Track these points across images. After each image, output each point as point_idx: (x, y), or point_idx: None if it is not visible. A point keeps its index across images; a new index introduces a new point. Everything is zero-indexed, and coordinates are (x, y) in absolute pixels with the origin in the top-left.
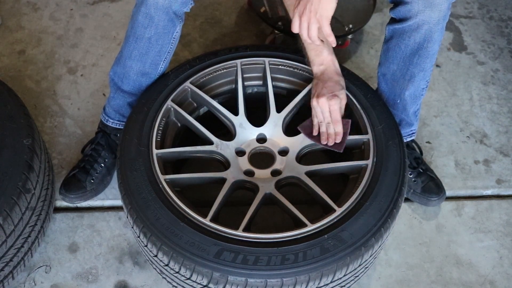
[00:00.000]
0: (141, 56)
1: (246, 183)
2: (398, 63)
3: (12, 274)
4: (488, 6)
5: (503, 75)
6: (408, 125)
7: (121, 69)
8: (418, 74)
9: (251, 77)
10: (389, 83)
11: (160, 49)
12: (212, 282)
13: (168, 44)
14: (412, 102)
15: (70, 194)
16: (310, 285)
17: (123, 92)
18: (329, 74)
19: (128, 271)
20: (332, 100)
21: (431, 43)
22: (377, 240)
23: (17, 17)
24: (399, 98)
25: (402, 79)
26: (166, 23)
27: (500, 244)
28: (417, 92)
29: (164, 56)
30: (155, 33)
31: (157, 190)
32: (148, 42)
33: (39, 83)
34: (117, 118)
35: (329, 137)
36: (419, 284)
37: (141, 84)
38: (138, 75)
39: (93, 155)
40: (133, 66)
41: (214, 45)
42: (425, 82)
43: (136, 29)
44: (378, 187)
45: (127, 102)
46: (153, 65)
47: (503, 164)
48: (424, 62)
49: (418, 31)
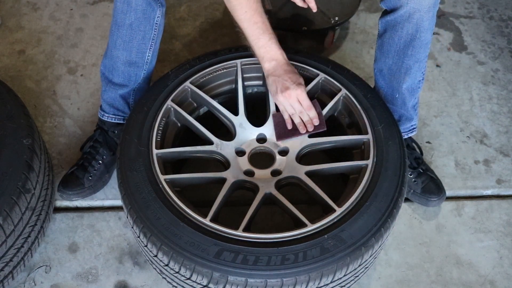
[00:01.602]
0: (125, 44)
1: (246, 183)
2: (393, 57)
3: (12, 274)
4: (488, 6)
5: (503, 75)
6: (408, 120)
7: (109, 61)
8: (414, 66)
9: (251, 77)
10: (386, 78)
11: (143, 35)
12: (212, 282)
13: (151, 30)
14: (411, 96)
15: (68, 190)
16: (310, 285)
17: (113, 85)
18: (283, 67)
19: (128, 271)
20: (298, 89)
21: (423, 33)
22: (377, 240)
23: (17, 17)
24: (397, 92)
25: (399, 72)
26: (144, 7)
27: (500, 244)
28: (414, 85)
29: (149, 43)
30: (135, 19)
31: (157, 190)
32: (130, 29)
33: (39, 83)
34: (112, 112)
35: (307, 123)
36: (419, 284)
37: (130, 74)
38: (125, 65)
39: (91, 153)
40: (120, 56)
41: (214, 45)
42: (421, 74)
43: (116, 17)
44: (378, 187)
45: (119, 95)
46: (139, 54)
47: (503, 164)
48: (419, 53)
49: (410, 20)
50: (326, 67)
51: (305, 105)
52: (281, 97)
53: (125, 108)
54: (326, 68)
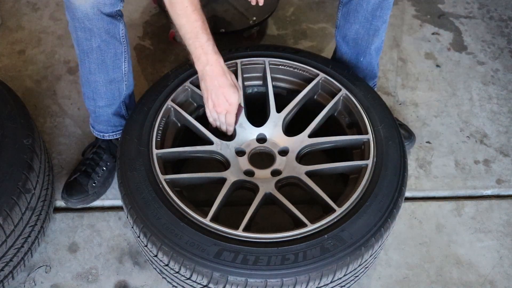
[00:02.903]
0: (99, 66)
1: (246, 183)
2: (360, 22)
3: (12, 274)
4: (488, 6)
5: (503, 75)
6: (372, 78)
7: (88, 88)
8: (382, 26)
9: (251, 77)
10: (350, 44)
11: (115, 52)
12: (212, 282)
13: (120, 45)
14: (377, 54)
15: (72, 198)
16: (310, 285)
17: (101, 108)
18: (218, 79)
19: (128, 271)
20: (229, 113)
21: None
22: (377, 240)
23: (17, 17)
24: (363, 55)
25: (367, 35)
26: (107, 27)
27: (500, 244)
28: (380, 44)
29: (122, 57)
30: (101, 41)
31: (157, 190)
32: (99, 51)
33: (39, 83)
34: (111, 130)
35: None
36: (419, 284)
37: (113, 91)
38: (106, 84)
39: (94, 159)
40: (98, 79)
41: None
42: (385, 32)
43: (82, 45)
44: (378, 187)
45: (111, 114)
46: (116, 69)
47: (503, 164)
48: (386, 14)
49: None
50: (326, 67)
51: (228, 123)
52: (212, 110)
53: (122, 120)
54: (326, 68)
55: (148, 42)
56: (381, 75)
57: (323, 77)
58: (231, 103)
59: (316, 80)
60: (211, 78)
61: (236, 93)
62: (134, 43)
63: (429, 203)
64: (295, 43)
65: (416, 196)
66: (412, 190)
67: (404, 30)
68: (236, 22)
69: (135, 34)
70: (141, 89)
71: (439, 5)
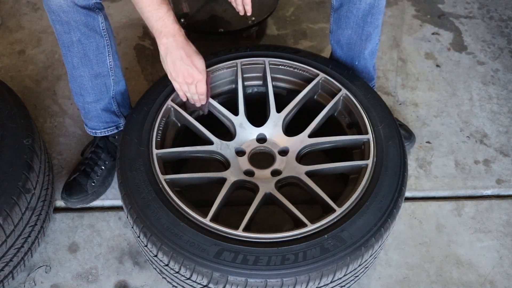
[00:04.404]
0: (82, 60)
1: (246, 183)
2: (352, 27)
3: (12, 274)
4: (488, 6)
5: (503, 75)
6: (369, 80)
7: (75, 84)
8: (374, 31)
9: (251, 77)
10: (344, 48)
11: (96, 45)
12: (212, 282)
13: (102, 38)
14: (371, 58)
15: (72, 198)
16: (310, 285)
17: (89, 104)
18: (184, 48)
19: (128, 271)
20: (200, 81)
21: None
22: (377, 240)
23: (17, 17)
24: (358, 59)
25: (359, 40)
26: (85, 20)
27: (500, 244)
28: (374, 48)
29: (105, 50)
30: (81, 34)
31: (157, 190)
32: (80, 44)
33: (39, 83)
34: (103, 127)
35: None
36: (419, 284)
37: (100, 86)
38: (92, 79)
39: (93, 158)
40: (83, 74)
41: (215, 45)
42: (379, 36)
43: (62, 39)
44: (378, 187)
45: (100, 109)
46: (100, 63)
47: (503, 164)
48: (378, 19)
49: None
50: (326, 67)
51: (200, 92)
52: (182, 83)
53: (113, 117)
54: (326, 68)
55: (148, 42)
56: (381, 75)
57: (323, 77)
58: (201, 71)
59: (316, 80)
60: (177, 49)
61: (202, 59)
62: (134, 43)
63: (429, 203)
64: (295, 43)
65: (416, 196)
66: (412, 190)
67: (404, 30)
68: (235, 22)
69: (135, 34)
70: (141, 89)
71: (439, 5)
